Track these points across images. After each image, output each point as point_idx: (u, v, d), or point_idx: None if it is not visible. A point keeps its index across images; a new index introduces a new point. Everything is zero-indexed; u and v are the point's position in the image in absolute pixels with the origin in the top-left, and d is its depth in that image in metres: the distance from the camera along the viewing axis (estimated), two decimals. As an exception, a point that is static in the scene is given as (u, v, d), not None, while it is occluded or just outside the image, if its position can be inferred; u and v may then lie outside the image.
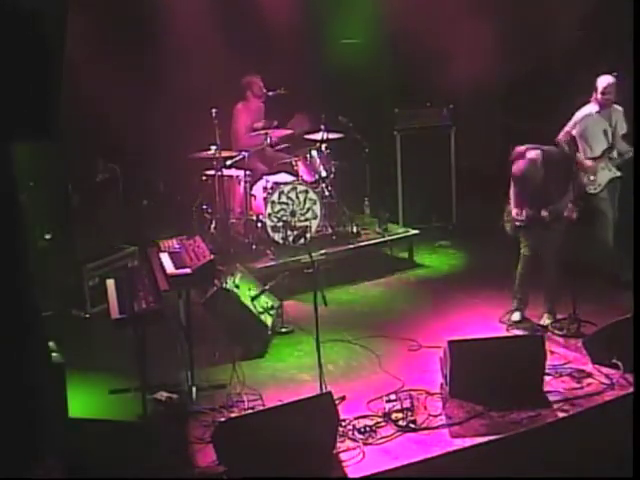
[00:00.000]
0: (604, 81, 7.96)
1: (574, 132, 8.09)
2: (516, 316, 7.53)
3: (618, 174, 8.10)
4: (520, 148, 7.22)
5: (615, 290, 7.93)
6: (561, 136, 8.13)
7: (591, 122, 8.05)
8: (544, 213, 7.17)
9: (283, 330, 7.67)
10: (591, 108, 8.08)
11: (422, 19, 9.82)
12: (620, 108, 8.07)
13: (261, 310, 7.49)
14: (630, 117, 7.97)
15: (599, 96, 7.98)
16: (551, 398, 6.30)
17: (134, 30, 9.46)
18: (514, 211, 7.32)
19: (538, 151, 7.14)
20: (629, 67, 7.61)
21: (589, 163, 8.04)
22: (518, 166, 7.16)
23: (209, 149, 8.90)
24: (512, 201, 7.35)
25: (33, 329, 5.67)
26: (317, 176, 9.16)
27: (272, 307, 7.62)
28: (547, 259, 7.39)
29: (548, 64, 9.71)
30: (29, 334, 5.58)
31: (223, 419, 5.97)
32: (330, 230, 9.20)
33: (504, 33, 9.71)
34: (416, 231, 9.49)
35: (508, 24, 9.79)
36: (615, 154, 8.04)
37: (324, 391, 6.02)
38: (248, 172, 9.02)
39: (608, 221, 8.10)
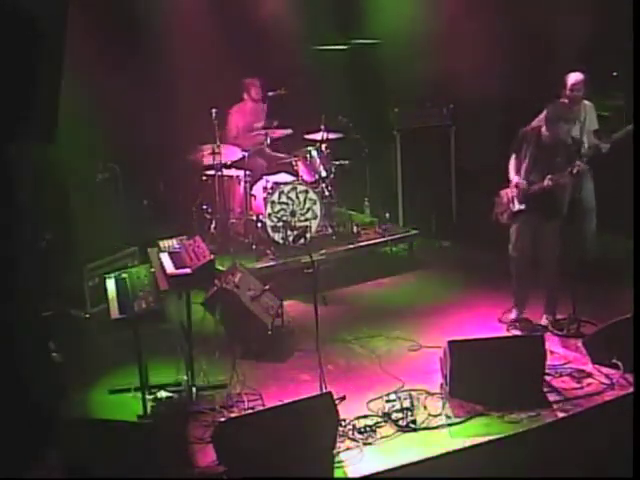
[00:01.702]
0: (572, 78, 8.06)
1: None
2: (512, 314, 7.52)
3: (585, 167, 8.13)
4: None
5: (615, 290, 7.95)
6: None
7: None
8: (547, 182, 7.09)
9: (283, 330, 7.67)
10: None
11: (422, 19, 9.84)
12: (589, 103, 8.12)
13: (261, 310, 7.48)
14: (628, 115, 7.98)
15: (568, 92, 8.04)
16: (551, 398, 6.30)
17: (134, 30, 9.45)
18: (515, 180, 7.26)
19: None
20: (629, 67, 7.62)
21: None
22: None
23: (209, 149, 8.89)
24: (512, 172, 7.31)
25: (33, 329, 5.69)
26: (317, 176, 9.15)
27: (272, 307, 7.62)
28: (545, 258, 7.38)
29: (548, 64, 9.69)
30: (29, 334, 5.59)
31: (223, 419, 5.97)
32: (330, 230, 9.19)
33: (505, 33, 9.70)
34: (416, 231, 9.49)
35: (509, 24, 9.78)
36: (583, 148, 8.04)
37: (324, 391, 6.03)
38: (248, 172, 9.02)
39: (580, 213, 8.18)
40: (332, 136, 9.50)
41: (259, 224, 8.90)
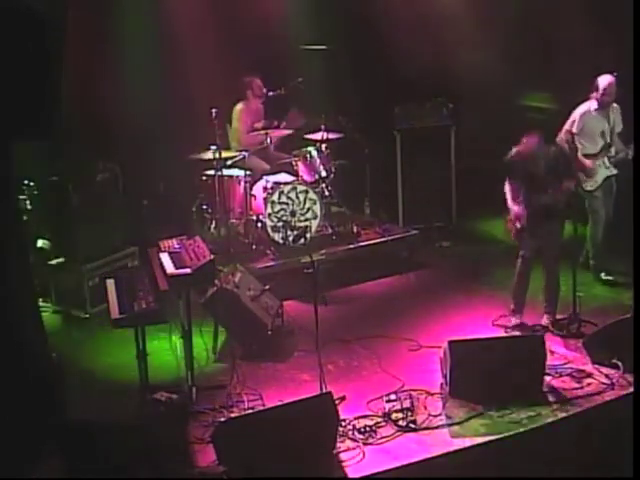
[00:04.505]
0: (604, 81, 7.94)
1: (574, 130, 8.08)
2: (514, 320, 7.49)
3: (614, 172, 8.12)
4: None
5: (615, 290, 7.98)
6: (562, 135, 8.14)
7: (590, 120, 8.05)
8: (544, 199, 7.09)
9: (283, 330, 7.67)
10: (589, 106, 8.07)
11: (422, 18, 9.85)
12: (617, 106, 8.07)
13: (261, 310, 7.49)
14: (627, 116, 7.98)
15: (599, 96, 7.97)
16: (551, 398, 6.30)
17: (134, 30, 9.45)
18: (514, 209, 7.27)
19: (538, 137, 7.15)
20: (629, 67, 7.63)
21: (589, 163, 8.04)
22: (524, 145, 7.13)
23: (209, 149, 8.89)
24: (509, 199, 7.31)
25: (33, 329, 5.69)
26: (317, 176, 9.15)
27: (272, 307, 7.62)
28: (547, 259, 7.38)
29: (549, 62, 9.71)
30: (29, 334, 5.59)
31: (223, 419, 5.97)
32: (330, 230, 9.18)
33: (505, 32, 9.72)
34: (416, 231, 9.49)
35: (509, 23, 9.79)
36: (612, 152, 8.05)
37: (324, 391, 6.03)
38: (248, 172, 9.02)
39: (599, 218, 8.13)
40: (332, 136, 9.50)
41: (259, 224, 8.90)
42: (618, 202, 8.20)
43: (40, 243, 8.35)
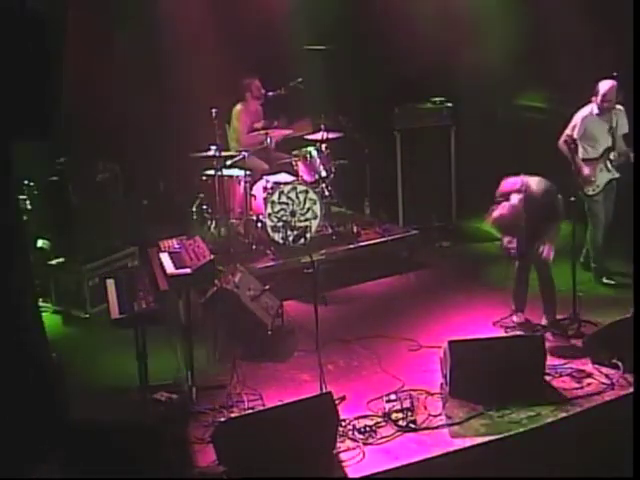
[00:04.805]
0: (605, 85, 7.87)
1: (575, 134, 8.02)
2: (516, 318, 7.50)
3: (617, 175, 8.09)
4: (504, 188, 7.09)
5: (615, 290, 7.98)
6: (562, 139, 8.09)
7: (591, 123, 8.00)
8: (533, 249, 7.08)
9: (283, 330, 7.67)
10: (591, 109, 8.02)
11: (422, 18, 9.85)
12: (621, 107, 8.02)
13: (261, 310, 7.49)
14: (628, 117, 7.98)
15: (599, 101, 7.91)
16: (551, 398, 6.30)
17: (134, 30, 9.46)
18: (505, 239, 7.26)
19: (520, 196, 6.92)
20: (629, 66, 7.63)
21: (587, 171, 7.97)
22: (500, 213, 6.95)
23: (209, 149, 8.90)
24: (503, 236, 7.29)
25: (33, 329, 5.68)
26: (317, 176, 9.15)
27: (272, 307, 7.62)
28: (542, 258, 7.36)
29: (549, 62, 9.70)
30: (29, 334, 5.59)
31: (223, 419, 5.97)
32: (330, 230, 9.19)
33: (506, 31, 9.72)
34: (416, 231, 9.48)
35: (509, 22, 9.79)
36: (614, 155, 8.01)
37: (324, 391, 6.03)
38: (248, 172, 9.02)
39: (598, 222, 8.11)
40: (332, 136, 9.50)
41: (259, 224, 8.90)
42: (618, 204, 8.19)
43: (40, 243, 8.36)
